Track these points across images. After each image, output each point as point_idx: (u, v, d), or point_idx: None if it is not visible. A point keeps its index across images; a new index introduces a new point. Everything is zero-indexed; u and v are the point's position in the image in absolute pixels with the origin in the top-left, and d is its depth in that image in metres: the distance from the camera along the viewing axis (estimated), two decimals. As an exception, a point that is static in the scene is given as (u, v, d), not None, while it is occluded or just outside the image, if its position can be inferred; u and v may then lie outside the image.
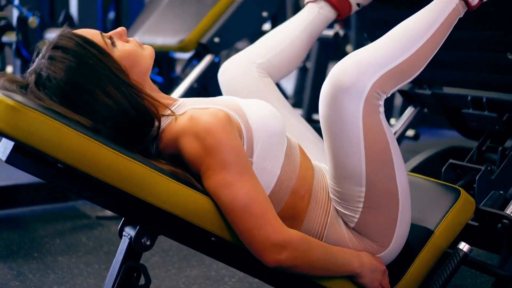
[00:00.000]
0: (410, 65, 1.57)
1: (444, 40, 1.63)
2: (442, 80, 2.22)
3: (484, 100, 2.04)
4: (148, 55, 1.55)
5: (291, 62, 1.95)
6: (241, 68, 1.89)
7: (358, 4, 2.01)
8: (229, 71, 1.90)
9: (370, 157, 1.53)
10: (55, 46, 1.46)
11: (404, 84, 1.59)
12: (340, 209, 1.58)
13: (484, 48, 1.99)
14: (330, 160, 1.57)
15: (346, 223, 1.59)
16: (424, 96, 2.30)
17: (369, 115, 1.52)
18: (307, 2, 2.02)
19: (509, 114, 2.01)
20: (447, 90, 2.22)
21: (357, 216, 1.56)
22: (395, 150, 1.56)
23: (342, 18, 2.03)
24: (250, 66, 1.88)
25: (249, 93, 1.84)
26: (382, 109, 1.55)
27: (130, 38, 1.56)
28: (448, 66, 2.12)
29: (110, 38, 1.52)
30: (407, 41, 1.58)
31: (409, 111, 2.45)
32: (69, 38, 1.47)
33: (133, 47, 1.53)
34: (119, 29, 1.55)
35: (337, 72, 1.52)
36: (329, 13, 1.99)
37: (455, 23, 1.64)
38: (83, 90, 1.44)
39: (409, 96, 2.39)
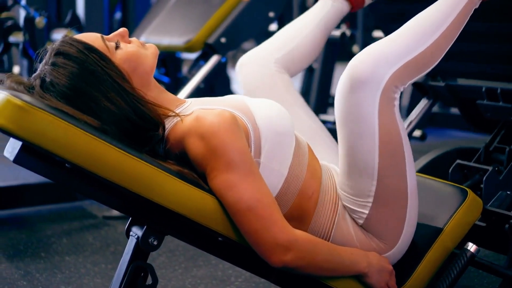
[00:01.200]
0: (426, 57, 1.58)
1: (460, 32, 1.63)
2: (456, 72, 2.21)
3: (499, 91, 2.03)
4: (150, 55, 1.55)
5: (307, 56, 1.96)
6: (258, 63, 1.89)
7: None
8: (247, 67, 1.90)
9: (383, 150, 1.53)
10: (57, 53, 1.47)
11: (420, 76, 1.60)
12: (350, 206, 1.58)
13: (499, 39, 1.99)
14: (343, 153, 1.58)
15: (354, 221, 1.59)
16: (438, 87, 2.29)
17: (385, 108, 1.53)
18: None
19: (524, 104, 2.01)
20: (461, 81, 2.21)
21: (366, 212, 1.56)
22: (407, 146, 1.57)
23: (355, 11, 2.04)
24: (268, 61, 1.89)
25: (266, 89, 1.85)
26: (397, 102, 1.56)
27: (132, 38, 1.55)
28: (462, 58, 2.11)
29: (114, 41, 1.52)
30: (423, 33, 1.58)
31: (423, 103, 2.45)
32: (71, 45, 1.47)
33: (135, 48, 1.52)
34: (121, 30, 1.55)
35: (355, 64, 1.53)
36: (342, 6, 2.00)
37: (471, 14, 1.64)
38: (86, 96, 1.44)
39: (423, 88, 2.38)
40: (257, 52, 1.92)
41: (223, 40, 3.28)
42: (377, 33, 6.18)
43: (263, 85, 1.86)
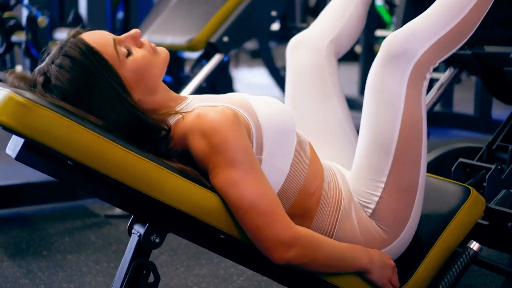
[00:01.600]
0: (460, 31, 1.61)
1: (492, 2, 1.64)
2: (483, 39, 2.19)
3: None
4: (160, 61, 1.53)
5: (354, 33, 1.98)
6: (311, 47, 1.90)
7: None
8: (299, 50, 1.91)
9: (404, 128, 1.56)
10: (65, 54, 1.45)
11: (454, 50, 1.64)
12: (363, 189, 1.59)
13: None
14: (364, 129, 1.61)
15: (361, 211, 1.58)
16: (465, 56, 2.27)
17: (414, 85, 1.57)
18: None
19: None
20: (488, 49, 2.19)
21: (378, 194, 1.57)
22: (425, 132, 1.60)
23: None
24: (322, 45, 1.90)
25: (311, 76, 1.87)
26: (426, 83, 1.60)
27: (145, 41, 1.53)
28: (489, 24, 2.08)
29: (126, 45, 1.50)
30: (455, 7, 1.61)
31: (449, 73, 2.43)
32: (79, 49, 1.45)
33: (145, 56, 1.50)
34: (133, 32, 1.53)
35: (389, 39, 1.59)
36: None
37: None
38: (88, 101, 1.44)
39: (449, 57, 2.37)
40: (310, 36, 1.92)
41: (225, 39, 3.28)
42: (380, 33, 6.19)
43: (309, 71, 1.88)
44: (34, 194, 3.29)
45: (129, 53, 1.49)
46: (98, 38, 1.48)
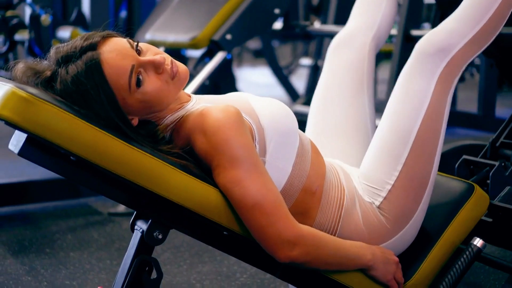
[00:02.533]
0: (490, 28, 1.65)
1: None
2: None
3: None
4: (176, 88, 1.48)
5: (390, 25, 2.00)
6: (357, 44, 1.93)
7: None
8: (345, 47, 1.93)
9: (426, 121, 1.59)
10: (78, 65, 1.40)
11: (484, 48, 1.67)
12: (377, 174, 1.60)
13: None
14: (386, 115, 1.63)
15: (366, 203, 1.58)
16: None
17: (443, 83, 1.60)
18: None
19: None
20: (505, 30, 2.19)
21: (391, 182, 1.59)
22: (443, 130, 1.63)
23: None
24: (365, 40, 1.93)
25: (351, 71, 1.89)
26: (455, 81, 1.62)
27: (166, 67, 1.45)
28: None
29: (146, 67, 1.44)
30: (484, 5, 1.64)
31: None
32: (91, 75, 1.39)
33: (157, 88, 1.44)
34: (157, 60, 1.44)
35: (426, 39, 1.63)
36: None
37: None
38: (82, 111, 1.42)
39: None
40: (353, 33, 1.94)
41: (228, 36, 3.27)
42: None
43: (350, 69, 1.90)
44: (37, 192, 3.29)
45: (141, 83, 1.43)
46: (117, 66, 1.41)
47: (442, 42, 1.62)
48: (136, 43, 1.46)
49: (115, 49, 1.42)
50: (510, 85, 2.39)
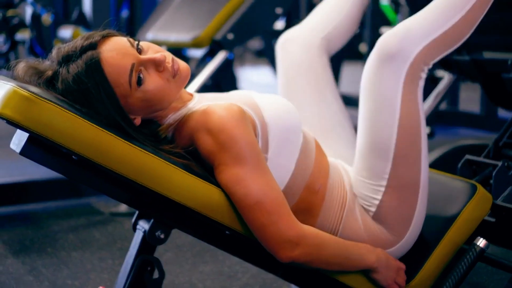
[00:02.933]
0: (456, 31, 1.59)
1: (490, 5, 1.62)
2: (481, 45, 2.17)
3: None
4: (177, 86, 1.47)
5: (348, 31, 1.97)
6: (302, 43, 1.89)
7: None
8: (292, 44, 1.90)
9: (402, 131, 1.54)
10: (79, 65, 1.40)
11: (449, 51, 1.61)
12: (363, 191, 1.57)
13: None
14: (361, 132, 1.58)
15: (365, 213, 1.57)
16: (463, 62, 2.26)
17: (410, 85, 1.54)
18: None
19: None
20: (487, 55, 2.17)
21: (379, 197, 1.56)
22: (424, 131, 1.57)
23: None
24: (313, 42, 1.90)
25: (304, 71, 1.86)
26: (422, 83, 1.57)
27: (167, 65, 1.45)
28: (487, 30, 2.07)
29: (144, 68, 1.43)
30: (452, 8, 1.58)
31: (447, 79, 2.43)
32: (92, 73, 1.39)
33: (158, 86, 1.44)
34: (158, 58, 1.43)
35: (384, 39, 1.56)
36: None
37: None
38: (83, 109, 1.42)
39: (447, 63, 2.36)
40: (302, 32, 1.91)
41: (230, 36, 3.27)
42: (385, 31, 6.17)
43: (302, 68, 1.87)
44: (39, 192, 3.29)
45: (141, 81, 1.43)
46: (117, 64, 1.41)
47: (401, 43, 1.54)
48: (137, 42, 1.45)
49: (115, 48, 1.42)
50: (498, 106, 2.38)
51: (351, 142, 1.81)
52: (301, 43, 1.88)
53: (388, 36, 1.56)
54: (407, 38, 1.54)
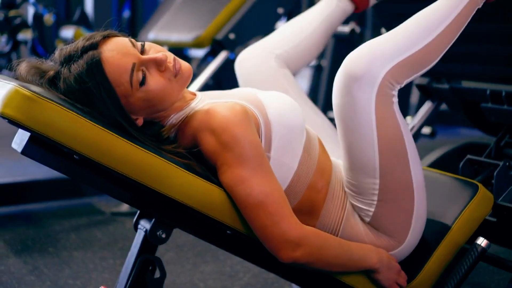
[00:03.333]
0: (424, 55, 1.55)
1: (460, 32, 1.60)
2: (460, 74, 2.19)
3: (504, 94, 2.01)
4: (179, 86, 1.47)
5: (307, 54, 1.94)
6: (259, 58, 1.87)
7: None
8: (247, 61, 1.88)
9: (383, 148, 1.51)
10: (80, 65, 1.40)
11: (418, 75, 1.57)
12: (355, 203, 1.57)
13: (503, 41, 1.97)
14: (344, 152, 1.56)
15: (362, 218, 1.57)
16: (442, 90, 2.28)
17: (382, 105, 1.50)
18: None
19: (528, 108, 1.99)
20: (466, 84, 2.19)
21: (372, 209, 1.55)
22: (409, 142, 1.54)
23: (359, 12, 2.01)
24: (269, 56, 1.87)
25: (267, 83, 1.83)
26: (395, 99, 1.53)
27: (168, 65, 1.45)
28: (467, 60, 2.09)
29: (146, 68, 1.43)
30: (421, 31, 1.55)
31: (427, 106, 2.44)
32: (93, 73, 1.39)
33: (160, 86, 1.44)
34: (159, 57, 1.43)
35: (350, 61, 1.50)
36: (347, 6, 1.98)
37: (473, 14, 1.61)
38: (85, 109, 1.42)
39: (426, 90, 2.37)
40: (257, 48, 1.90)
41: (231, 36, 3.27)
42: (385, 31, 6.18)
43: (264, 80, 1.84)
44: (40, 191, 3.29)
45: (143, 81, 1.43)
46: (118, 64, 1.41)
47: (368, 64, 1.48)
48: (142, 43, 1.46)
49: (115, 48, 1.42)
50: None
51: (338, 145, 1.80)
52: (256, 61, 1.86)
53: (355, 58, 1.49)
54: (373, 60, 1.49)
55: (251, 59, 1.87)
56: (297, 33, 1.92)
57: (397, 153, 1.52)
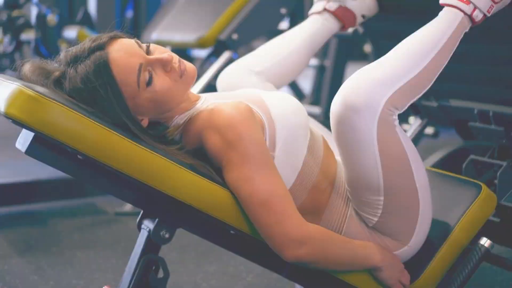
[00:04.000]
0: (420, 80, 1.54)
1: (451, 54, 1.60)
2: (449, 93, 2.20)
3: (491, 113, 2.01)
4: (184, 87, 1.48)
5: (289, 72, 1.93)
6: (240, 74, 1.86)
7: (363, 16, 1.99)
8: (228, 77, 1.87)
9: (387, 169, 1.50)
10: (87, 66, 1.41)
11: (415, 99, 1.57)
12: (359, 211, 1.57)
13: (490, 62, 1.98)
14: (346, 170, 1.55)
15: (365, 222, 1.57)
16: (431, 108, 2.29)
17: (384, 131, 1.49)
18: (311, 14, 1.99)
19: (516, 128, 1.99)
20: (454, 102, 2.20)
21: (376, 219, 1.55)
22: (412, 156, 1.53)
23: (345, 30, 2.00)
24: (249, 73, 1.86)
25: (243, 87, 1.81)
26: (396, 122, 1.51)
27: (174, 66, 1.46)
28: (455, 79, 2.09)
29: (152, 68, 1.44)
30: (415, 57, 1.54)
31: (416, 123, 2.47)
32: (100, 73, 1.40)
33: (166, 86, 1.45)
34: (165, 58, 1.44)
35: (349, 91, 1.47)
36: (333, 25, 1.97)
37: (461, 37, 1.61)
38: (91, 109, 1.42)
39: (415, 107, 2.39)
40: (238, 65, 1.89)
41: (235, 36, 3.27)
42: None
43: (237, 88, 1.81)
44: (44, 191, 3.30)
45: (150, 81, 1.44)
46: (125, 64, 1.42)
47: (367, 95, 1.45)
48: (147, 45, 1.47)
49: (122, 49, 1.43)
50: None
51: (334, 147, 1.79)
52: (238, 77, 1.85)
53: (353, 89, 1.47)
54: (373, 91, 1.47)
55: (232, 76, 1.86)
56: (278, 51, 1.91)
57: (401, 171, 1.51)
